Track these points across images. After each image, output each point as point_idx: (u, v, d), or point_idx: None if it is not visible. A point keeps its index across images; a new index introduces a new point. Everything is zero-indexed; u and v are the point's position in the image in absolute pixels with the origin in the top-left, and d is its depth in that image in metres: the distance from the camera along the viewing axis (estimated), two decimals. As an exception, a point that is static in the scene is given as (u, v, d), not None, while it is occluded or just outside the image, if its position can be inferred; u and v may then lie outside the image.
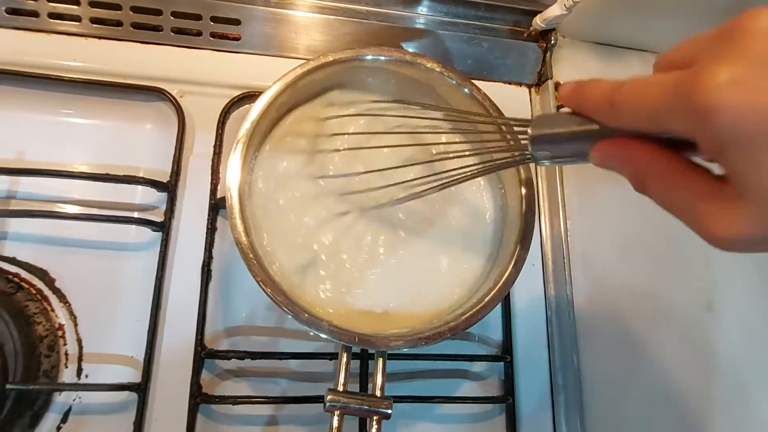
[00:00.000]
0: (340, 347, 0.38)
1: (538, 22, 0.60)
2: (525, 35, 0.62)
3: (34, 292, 0.46)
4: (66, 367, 0.45)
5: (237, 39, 0.56)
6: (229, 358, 0.46)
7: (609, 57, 0.64)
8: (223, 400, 0.45)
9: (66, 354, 0.45)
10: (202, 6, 0.54)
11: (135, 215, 0.49)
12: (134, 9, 0.53)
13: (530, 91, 0.63)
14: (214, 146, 0.51)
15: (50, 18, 0.52)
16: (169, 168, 0.50)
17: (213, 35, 0.55)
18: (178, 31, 0.55)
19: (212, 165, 0.51)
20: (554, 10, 0.57)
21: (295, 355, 0.47)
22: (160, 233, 0.48)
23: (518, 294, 0.54)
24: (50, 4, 0.52)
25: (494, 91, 0.46)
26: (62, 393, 0.44)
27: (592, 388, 0.51)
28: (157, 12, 0.54)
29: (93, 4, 0.53)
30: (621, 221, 0.57)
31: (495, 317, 0.52)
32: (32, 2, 0.52)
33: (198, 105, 0.53)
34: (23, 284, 0.46)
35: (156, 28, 0.54)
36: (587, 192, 0.57)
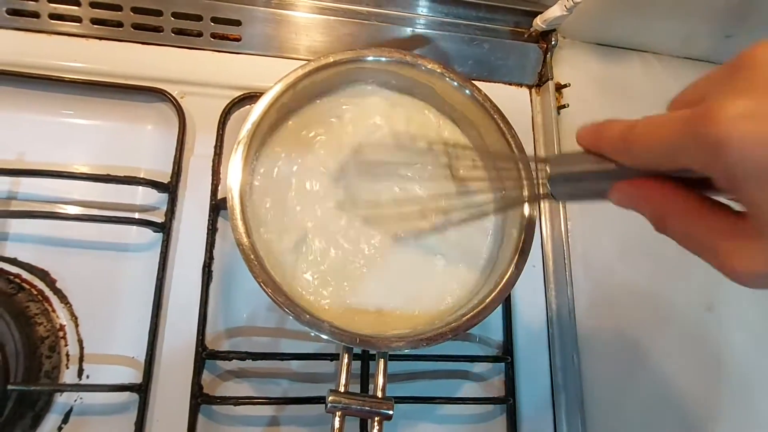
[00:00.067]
0: (342, 348, 0.38)
1: (539, 23, 0.60)
2: (525, 36, 0.62)
3: (35, 293, 0.46)
4: (67, 368, 0.45)
5: (237, 40, 0.56)
6: (230, 359, 0.46)
7: (609, 57, 0.64)
8: (224, 401, 0.45)
9: (67, 355, 0.45)
10: (203, 7, 0.54)
11: (136, 216, 0.49)
12: (135, 10, 0.53)
13: (531, 92, 0.63)
14: (215, 147, 0.51)
15: (51, 19, 0.52)
16: (170, 169, 0.50)
17: (213, 36, 0.55)
18: (179, 32, 0.55)
19: (213, 166, 0.51)
20: (555, 11, 0.57)
21: (296, 356, 0.47)
22: (161, 234, 0.48)
23: (519, 295, 0.54)
24: (51, 5, 0.52)
25: (495, 92, 0.46)
26: (63, 394, 0.44)
27: (593, 389, 0.51)
28: (158, 13, 0.54)
29: (94, 5, 0.53)
30: (621, 222, 0.57)
31: (496, 318, 0.52)
32: (33, 3, 0.52)
33: (199, 106, 0.53)
34: (24, 285, 0.46)
35: (156, 29, 0.54)
36: (588, 192, 0.57)
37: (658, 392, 0.53)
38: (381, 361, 0.39)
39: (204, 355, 0.45)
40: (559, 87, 0.61)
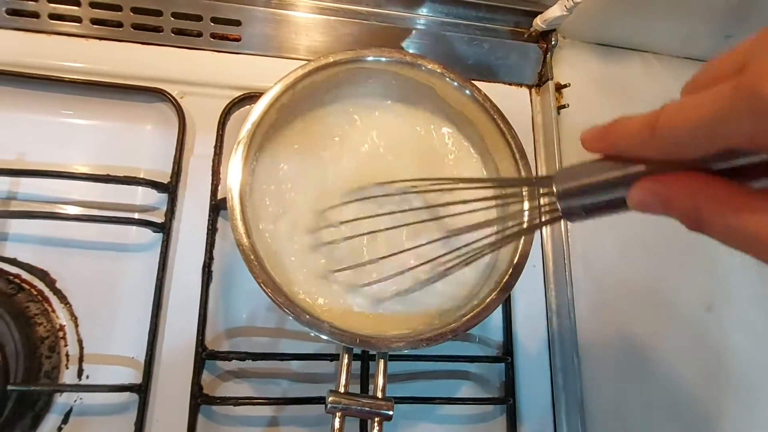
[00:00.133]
0: (341, 348, 0.38)
1: (539, 23, 0.60)
2: (525, 36, 0.62)
3: (35, 293, 0.46)
4: (67, 368, 0.45)
5: (237, 40, 0.56)
6: (230, 359, 0.46)
7: (609, 57, 0.64)
8: (224, 401, 0.45)
9: (67, 355, 0.45)
10: (203, 7, 0.54)
11: (135, 216, 0.49)
12: (135, 10, 0.53)
13: (531, 92, 0.63)
14: (215, 147, 0.51)
15: (51, 19, 0.52)
16: (170, 169, 0.50)
17: (213, 36, 0.55)
18: (179, 32, 0.55)
19: (213, 166, 0.51)
20: (555, 11, 0.57)
21: (296, 356, 0.47)
22: (161, 234, 0.48)
23: (519, 295, 0.54)
24: (51, 5, 0.52)
25: (495, 92, 0.46)
26: (63, 394, 0.44)
27: (593, 389, 0.51)
28: (158, 13, 0.54)
29: (93, 5, 0.53)
30: (621, 221, 0.56)
31: (496, 318, 0.52)
32: (33, 3, 0.52)
33: (198, 106, 0.53)
34: (24, 285, 0.46)
35: (156, 29, 0.54)
36: (588, 193, 0.57)
37: (658, 392, 0.53)
38: (381, 362, 0.39)
39: (204, 356, 0.45)
40: (559, 87, 0.61)
